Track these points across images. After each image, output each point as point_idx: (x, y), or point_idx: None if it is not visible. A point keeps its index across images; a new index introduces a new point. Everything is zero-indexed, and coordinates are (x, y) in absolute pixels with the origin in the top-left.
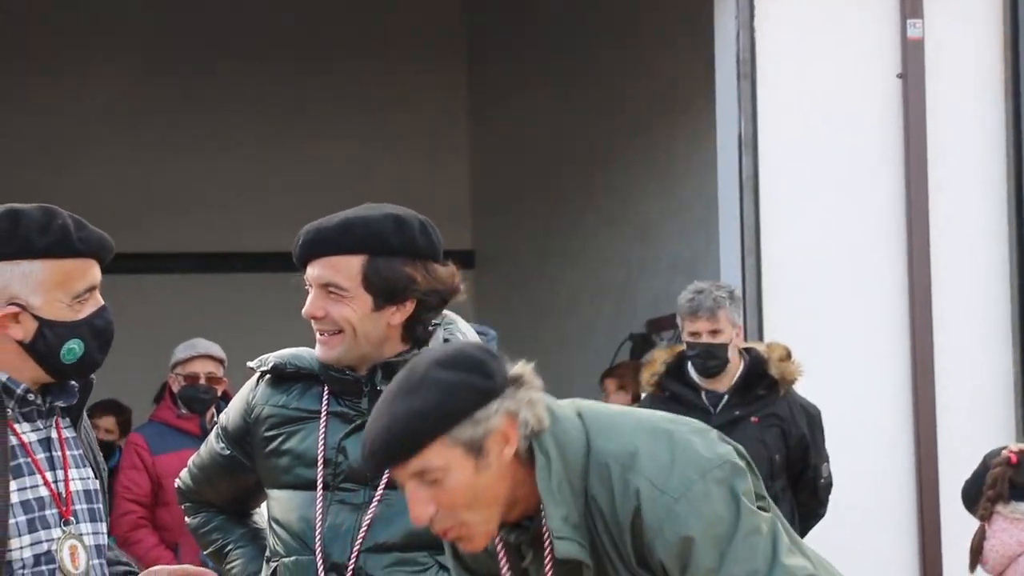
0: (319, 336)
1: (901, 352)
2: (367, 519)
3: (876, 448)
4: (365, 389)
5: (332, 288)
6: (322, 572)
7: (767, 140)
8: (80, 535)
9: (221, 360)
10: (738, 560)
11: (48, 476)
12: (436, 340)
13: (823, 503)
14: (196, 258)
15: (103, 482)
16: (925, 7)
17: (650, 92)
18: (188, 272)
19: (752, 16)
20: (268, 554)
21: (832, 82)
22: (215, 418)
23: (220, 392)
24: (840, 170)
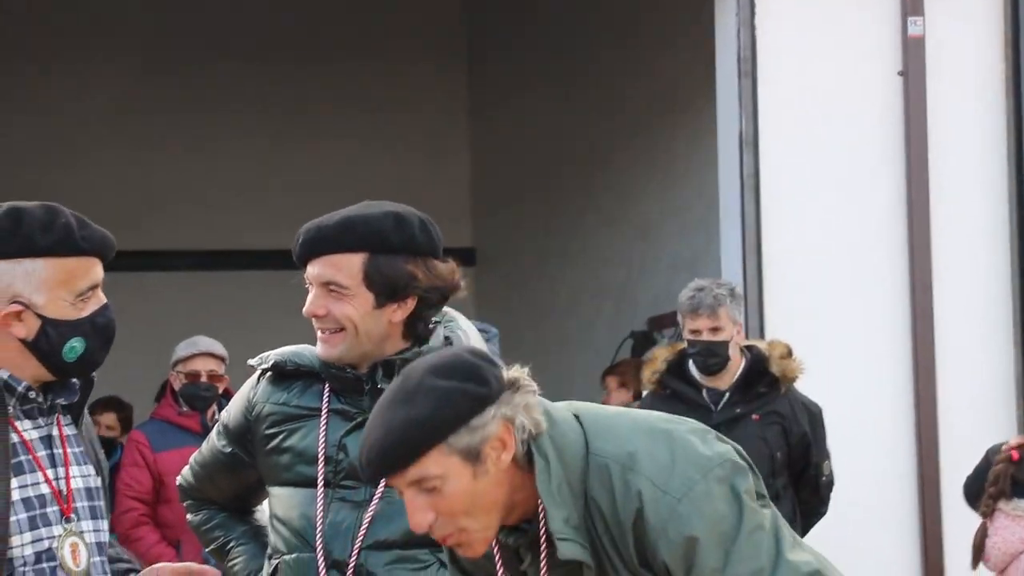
0: (320, 334)
1: (902, 351)
2: (368, 516)
3: (877, 447)
4: (366, 387)
5: (333, 286)
6: (323, 569)
7: (768, 138)
8: (81, 532)
9: (222, 358)
10: (743, 558)
11: (49, 473)
12: (437, 338)
13: (824, 501)
14: (197, 256)
15: (104, 479)
16: (926, 5)
17: (651, 91)
18: (189, 270)
19: (753, 14)
20: (269, 551)
21: (833, 80)
22: (216, 416)
23: (221, 390)
24: (841, 168)
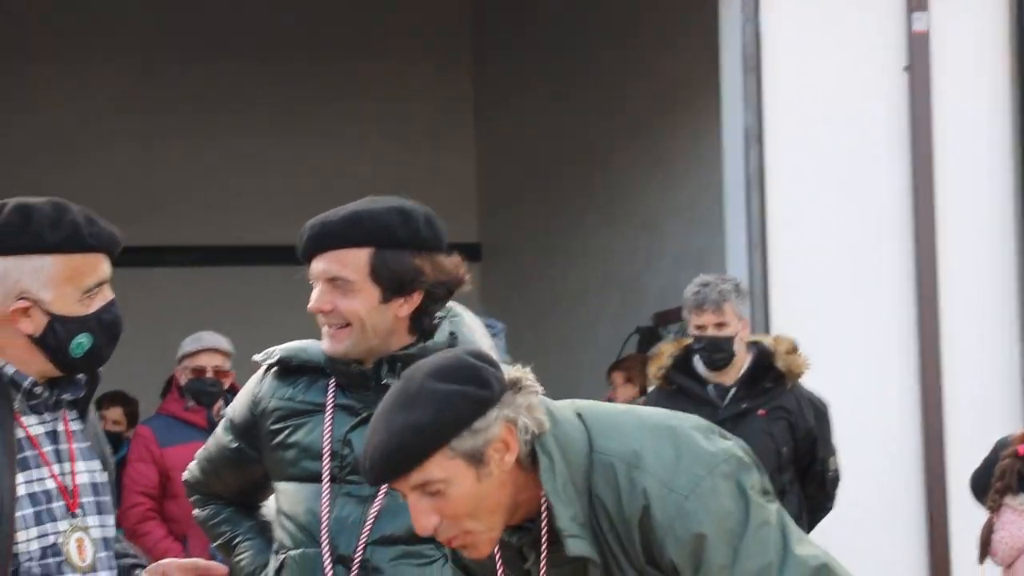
0: (326, 330)
1: (908, 346)
2: (373, 511)
3: (883, 442)
4: (371, 383)
5: (339, 281)
6: (329, 564)
7: (773, 133)
8: (87, 527)
9: (228, 353)
10: (751, 554)
11: (55, 469)
12: (442, 333)
13: (831, 496)
14: (202, 252)
15: (111, 474)
16: (930, 1)
17: (653, 88)
18: (194, 266)
19: (757, 9)
20: (275, 546)
21: (838, 75)
22: (222, 411)
23: (227, 385)
24: (846, 163)
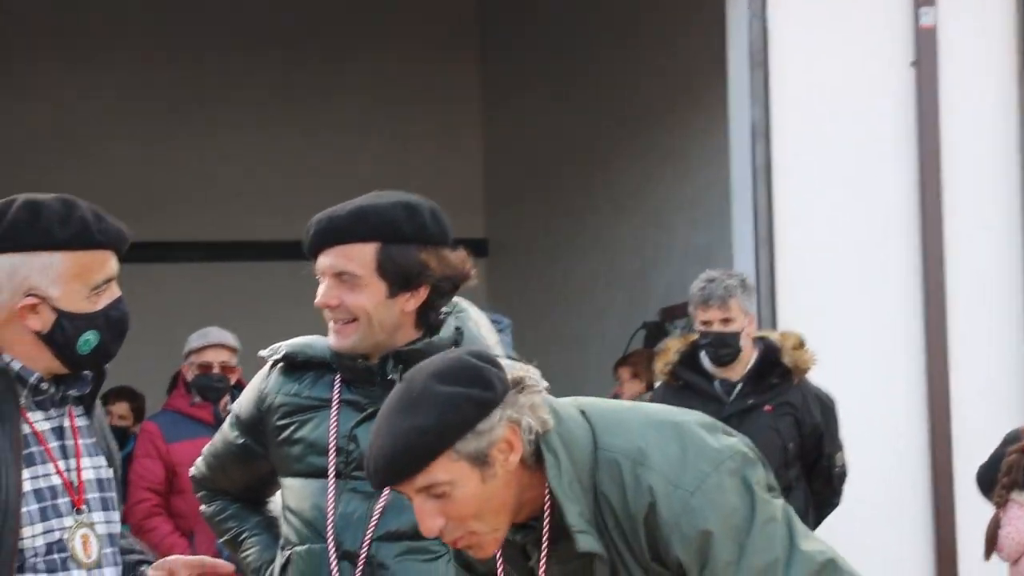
0: (333, 325)
1: (915, 342)
2: (379, 507)
3: (890, 438)
4: (377, 378)
5: (346, 276)
6: (334, 560)
7: (780, 129)
8: (92, 524)
9: (234, 349)
10: (757, 550)
11: (60, 465)
12: (448, 328)
13: (837, 492)
14: (209, 247)
15: (117, 470)
16: None
17: (662, 83)
18: (201, 261)
19: (764, 6)
20: (282, 542)
21: (844, 71)
22: (229, 407)
23: (234, 381)
24: (853, 158)
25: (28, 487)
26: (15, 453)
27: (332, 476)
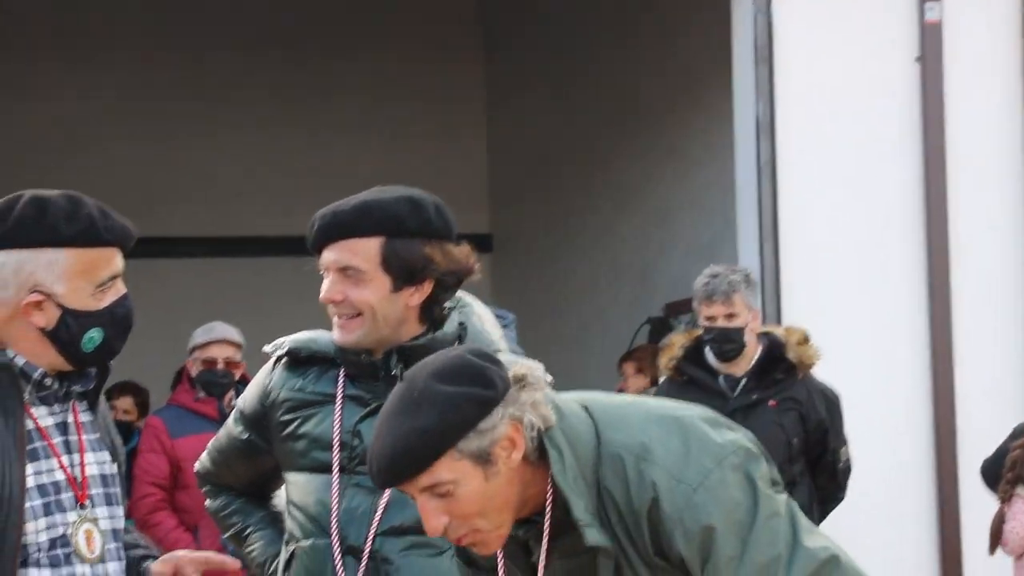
0: (337, 320)
1: (920, 338)
2: (383, 502)
3: (895, 433)
4: (381, 373)
5: (351, 271)
6: (339, 555)
7: (785, 125)
8: (96, 519)
9: (239, 344)
10: (760, 546)
11: (64, 460)
12: (451, 323)
13: (842, 487)
14: (213, 243)
15: (121, 466)
16: None
17: (667, 79)
18: (205, 257)
19: (769, 1)
20: (286, 537)
21: (849, 66)
22: (233, 402)
23: (238, 376)
24: (858, 154)
25: (32, 482)
26: (19, 448)
27: (336, 471)
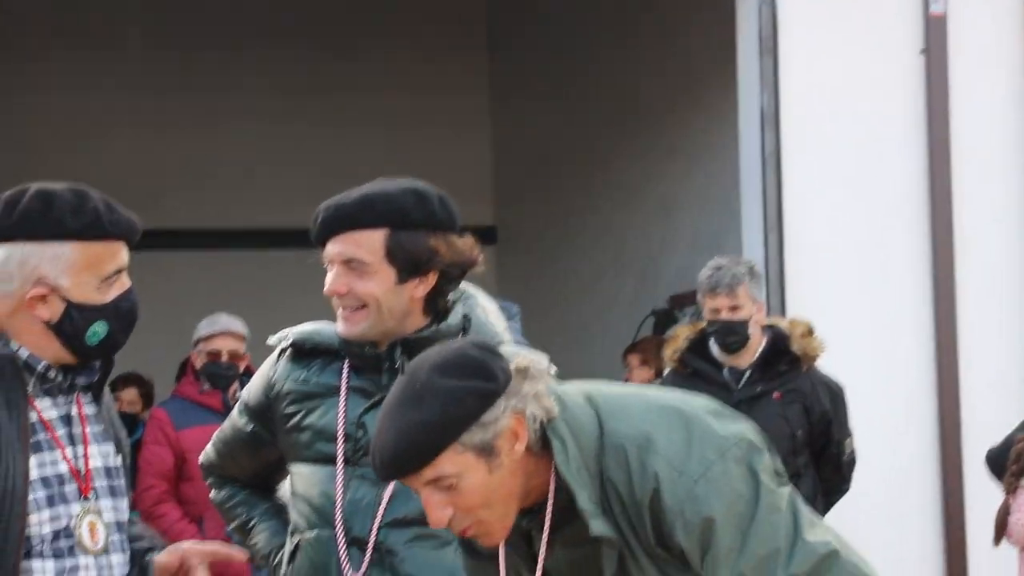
0: (341, 312)
1: (924, 331)
2: (387, 494)
3: (900, 426)
4: (385, 365)
5: (355, 263)
6: (343, 547)
7: (789, 116)
8: (99, 511)
9: (243, 336)
10: (760, 539)
11: (68, 452)
12: (455, 315)
13: (847, 479)
14: (218, 235)
15: (125, 458)
16: None
17: (672, 71)
18: (210, 249)
19: None
20: (291, 529)
21: (854, 58)
22: (238, 394)
23: (243, 368)
24: (862, 146)
25: (35, 474)
26: (22, 440)
27: (340, 463)
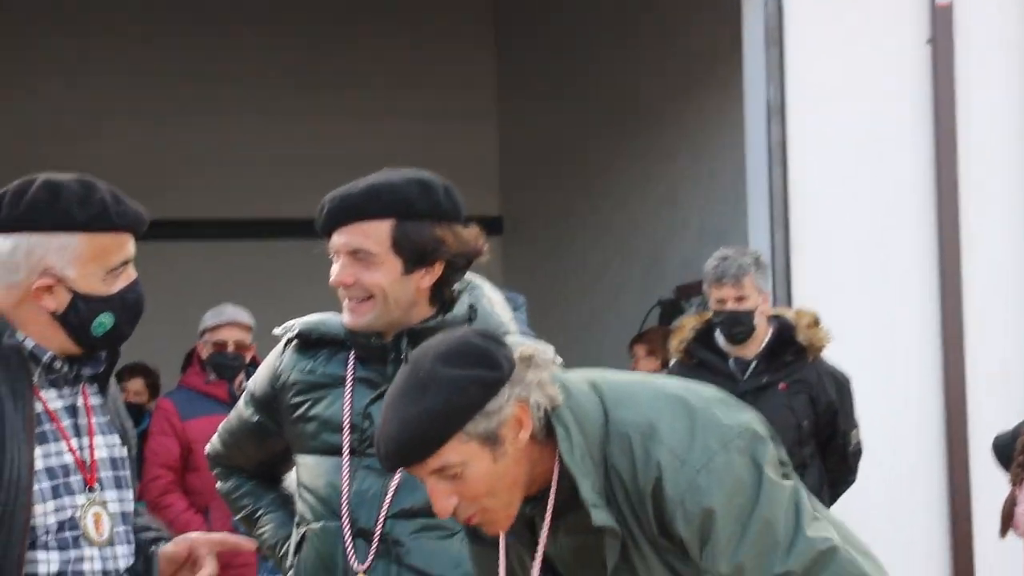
0: (347, 303)
1: (931, 322)
2: (393, 484)
3: (906, 417)
4: (390, 356)
5: (361, 254)
6: (349, 538)
7: (795, 107)
8: (104, 502)
9: (249, 327)
10: (759, 532)
11: (73, 443)
12: (461, 306)
13: (853, 470)
14: (224, 225)
15: (131, 449)
16: None
17: (677, 61)
18: (215, 239)
19: None
20: (297, 519)
21: (860, 48)
22: (244, 384)
23: (249, 359)
24: (868, 136)
25: (40, 465)
26: (27, 431)
27: (346, 453)
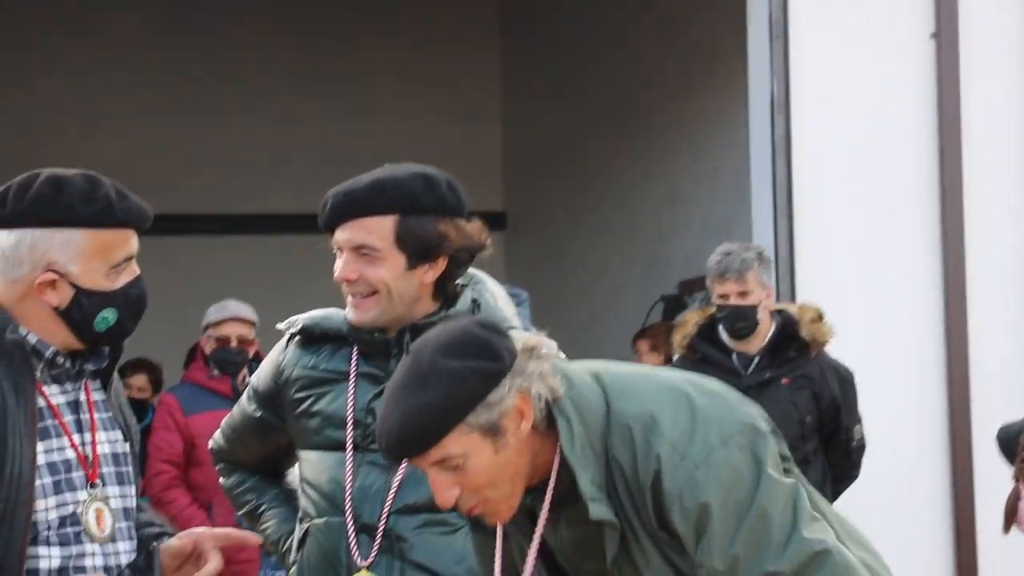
0: (351, 299)
1: (934, 316)
2: (396, 480)
3: (909, 412)
4: (394, 351)
5: (365, 249)
6: (353, 533)
7: (799, 101)
8: (106, 498)
9: (252, 322)
10: (755, 529)
11: (75, 438)
12: (464, 300)
13: (856, 465)
14: (227, 220)
15: (134, 445)
16: None
17: (681, 56)
18: (219, 234)
19: None
20: (300, 515)
21: (864, 42)
22: (247, 380)
23: (252, 354)
24: (873, 130)
25: (42, 460)
26: (30, 426)
27: (350, 449)
